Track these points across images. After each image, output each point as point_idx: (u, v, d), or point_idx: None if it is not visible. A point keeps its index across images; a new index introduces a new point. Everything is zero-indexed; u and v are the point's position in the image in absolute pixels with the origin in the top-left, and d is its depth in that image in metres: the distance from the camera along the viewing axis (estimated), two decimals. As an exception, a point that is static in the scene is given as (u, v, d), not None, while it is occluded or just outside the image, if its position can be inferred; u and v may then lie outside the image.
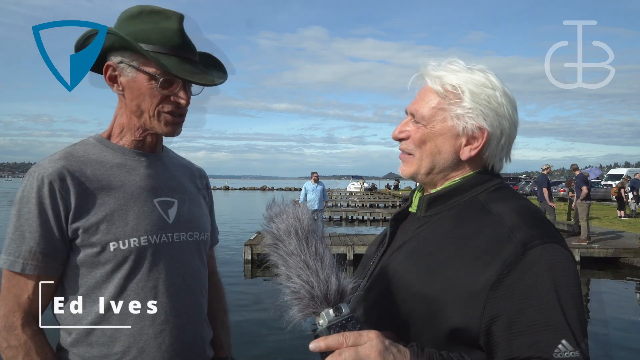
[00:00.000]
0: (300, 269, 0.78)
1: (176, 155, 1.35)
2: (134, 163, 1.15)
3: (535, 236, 0.83)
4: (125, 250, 1.05)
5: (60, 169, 1.05)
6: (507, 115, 0.95)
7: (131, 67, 1.09)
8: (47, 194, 1.02)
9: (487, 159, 0.98)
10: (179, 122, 1.15)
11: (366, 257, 1.16)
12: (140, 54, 1.07)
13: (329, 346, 0.73)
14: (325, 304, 0.76)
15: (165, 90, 1.09)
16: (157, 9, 1.11)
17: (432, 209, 0.98)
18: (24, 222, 1.02)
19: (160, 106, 1.10)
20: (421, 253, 0.93)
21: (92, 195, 1.06)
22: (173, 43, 1.09)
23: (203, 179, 1.37)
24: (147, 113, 1.11)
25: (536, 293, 0.79)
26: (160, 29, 1.08)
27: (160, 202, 1.15)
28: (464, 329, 0.83)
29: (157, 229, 1.11)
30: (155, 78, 1.08)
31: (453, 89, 0.95)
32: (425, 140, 0.97)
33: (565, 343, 0.76)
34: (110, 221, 1.06)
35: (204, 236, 1.22)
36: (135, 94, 1.10)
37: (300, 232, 0.81)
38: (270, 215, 0.86)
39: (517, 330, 0.79)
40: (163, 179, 1.19)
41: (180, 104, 1.11)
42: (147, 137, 1.17)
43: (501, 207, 0.91)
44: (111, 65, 1.10)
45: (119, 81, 1.11)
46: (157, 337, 1.07)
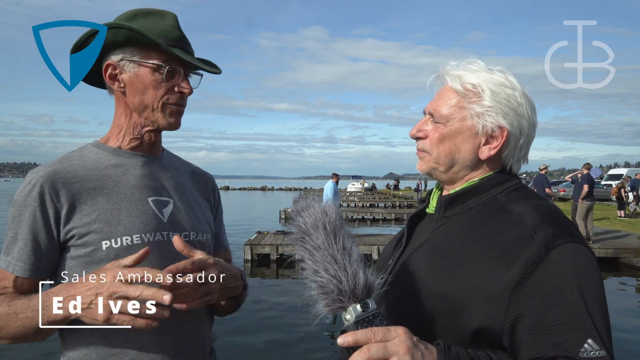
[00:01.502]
0: (327, 263, 0.77)
1: (180, 158, 1.35)
2: (129, 163, 1.16)
3: (558, 235, 0.83)
4: (118, 248, 1.06)
5: (51, 173, 1.07)
6: (527, 116, 0.95)
7: (133, 62, 1.10)
8: (36, 197, 1.04)
9: (505, 159, 0.98)
10: (181, 112, 1.17)
11: (382, 257, 1.16)
12: (142, 48, 1.09)
13: (357, 341, 0.72)
14: (352, 299, 0.75)
15: (169, 81, 1.11)
16: (151, 10, 1.13)
17: (450, 209, 0.98)
18: (16, 224, 1.05)
19: (165, 97, 1.12)
20: (441, 253, 0.93)
21: (85, 196, 1.07)
22: (173, 36, 1.12)
23: (208, 183, 1.36)
24: (150, 106, 1.12)
25: (560, 292, 0.79)
26: (159, 25, 1.11)
27: (154, 201, 1.15)
28: (487, 329, 0.83)
29: (151, 228, 1.10)
30: (160, 68, 1.09)
31: (473, 88, 0.95)
32: (443, 139, 0.97)
33: (591, 342, 0.76)
34: (103, 220, 1.06)
35: (201, 237, 1.21)
36: (139, 89, 1.11)
37: (328, 226, 0.81)
38: (297, 209, 0.86)
39: (542, 329, 0.78)
40: (159, 179, 1.19)
41: (184, 93, 1.14)
42: (146, 135, 1.17)
43: (521, 206, 0.91)
44: (111, 63, 1.11)
45: (119, 78, 1.12)
46: (156, 337, 1.07)
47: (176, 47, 1.10)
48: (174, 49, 1.09)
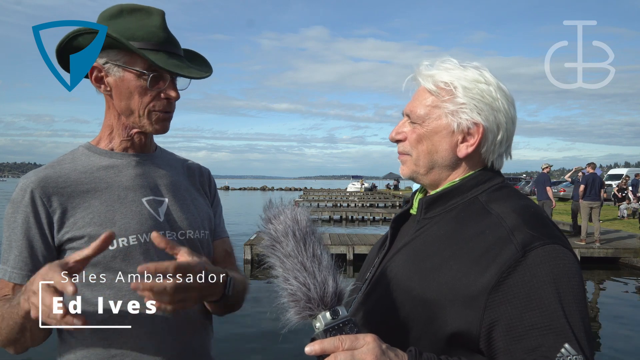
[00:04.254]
0: (297, 270, 0.77)
1: (174, 155, 1.34)
2: (122, 164, 1.15)
3: (536, 237, 0.82)
4: (114, 250, 1.05)
5: (43, 178, 1.06)
6: (503, 110, 0.93)
7: (117, 67, 1.08)
8: (28, 203, 1.04)
9: (485, 155, 0.97)
10: (168, 118, 1.15)
11: (368, 259, 1.15)
12: (127, 52, 1.06)
13: (325, 349, 0.72)
14: (322, 306, 0.75)
15: (154, 87, 1.09)
16: (137, 7, 1.10)
17: (431, 210, 0.97)
18: (11, 231, 1.05)
19: (150, 104, 1.10)
20: (420, 256, 0.92)
21: (78, 199, 1.07)
22: (158, 38, 1.09)
23: (204, 177, 1.34)
24: (136, 112, 1.10)
25: (537, 295, 0.77)
26: (144, 26, 1.08)
27: (149, 200, 1.14)
28: (464, 333, 0.81)
29: (147, 228, 1.10)
30: (144, 75, 1.07)
31: (445, 86, 0.94)
32: (421, 140, 0.97)
33: (568, 347, 0.74)
34: (97, 223, 1.06)
35: (199, 234, 1.20)
36: (124, 94, 1.09)
37: (297, 233, 0.80)
38: (268, 216, 0.86)
39: (518, 334, 0.77)
40: (153, 178, 1.18)
41: (171, 99, 1.12)
42: (136, 136, 1.16)
43: (501, 207, 0.89)
44: (96, 66, 1.09)
45: (105, 82, 1.10)
46: (156, 339, 1.07)
47: (161, 51, 1.07)
48: (158, 54, 1.06)
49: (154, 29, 1.09)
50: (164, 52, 1.08)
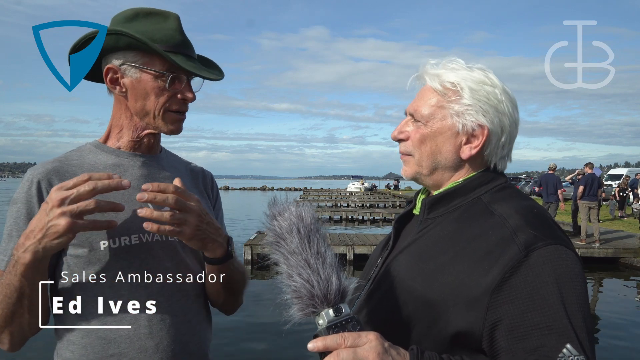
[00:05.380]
0: (301, 267, 0.77)
1: (178, 157, 1.35)
2: (128, 164, 1.16)
3: (539, 237, 0.82)
4: (116, 248, 1.05)
5: (50, 170, 1.07)
6: (508, 113, 0.93)
7: (135, 68, 1.09)
8: (34, 194, 1.05)
9: (488, 157, 0.97)
10: (183, 119, 1.17)
11: (371, 259, 1.15)
12: (145, 53, 1.07)
13: (327, 347, 0.72)
14: (325, 303, 0.75)
15: (171, 88, 1.10)
16: (153, 10, 1.11)
17: (434, 211, 0.97)
18: (13, 221, 1.05)
19: (167, 104, 1.11)
20: (423, 256, 0.92)
21: None
22: (176, 41, 1.10)
23: (207, 180, 1.36)
24: (152, 112, 1.11)
25: (539, 296, 0.77)
26: (162, 29, 1.09)
27: None
28: (467, 333, 0.82)
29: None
30: (163, 76, 1.08)
31: (452, 86, 0.94)
32: (425, 140, 0.96)
33: (569, 347, 0.75)
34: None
35: None
36: (141, 94, 1.10)
37: (302, 230, 0.81)
38: (273, 213, 0.86)
39: (520, 334, 0.77)
40: (158, 179, 1.18)
41: (187, 100, 1.14)
42: (145, 137, 1.17)
43: (504, 207, 0.89)
44: (112, 67, 1.10)
45: (121, 83, 1.11)
46: (154, 338, 1.07)
47: (179, 53, 1.09)
48: (177, 56, 1.08)
49: (172, 32, 1.10)
50: (182, 54, 1.10)
